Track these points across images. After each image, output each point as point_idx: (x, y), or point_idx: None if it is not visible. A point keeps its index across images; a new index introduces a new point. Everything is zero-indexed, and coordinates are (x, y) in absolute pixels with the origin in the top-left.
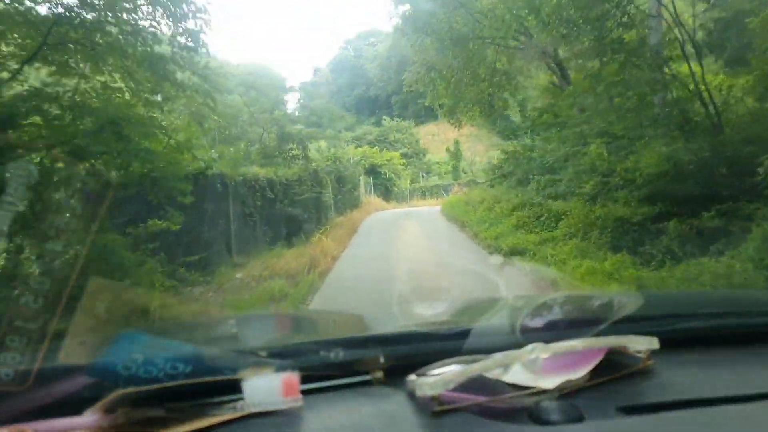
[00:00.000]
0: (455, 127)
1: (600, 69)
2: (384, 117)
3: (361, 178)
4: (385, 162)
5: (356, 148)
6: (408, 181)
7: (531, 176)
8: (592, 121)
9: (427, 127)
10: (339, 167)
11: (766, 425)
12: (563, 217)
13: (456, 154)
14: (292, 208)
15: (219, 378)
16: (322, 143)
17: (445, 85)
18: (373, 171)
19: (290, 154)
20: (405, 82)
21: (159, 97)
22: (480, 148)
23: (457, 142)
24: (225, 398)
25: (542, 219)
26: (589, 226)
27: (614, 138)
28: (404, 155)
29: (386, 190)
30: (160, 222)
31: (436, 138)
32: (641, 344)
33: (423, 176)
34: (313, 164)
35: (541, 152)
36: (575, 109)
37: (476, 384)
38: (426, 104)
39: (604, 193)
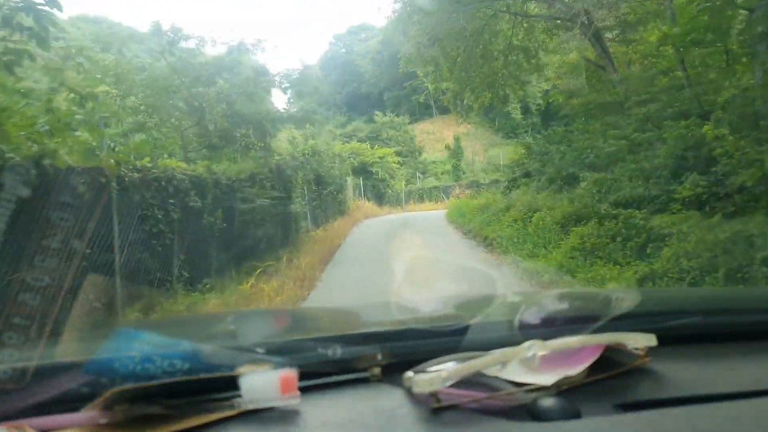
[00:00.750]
0: (461, 116)
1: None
2: (376, 112)
3: (348, 178)
4: (378, 160)
5: (344, 144)
6: (403, 183)
7: (580, 174)
8: (659, 98)
9: (422, 125)
10: (312, 162)
11: (764, 422)
12: (666, 238)
13: (456, 152)
14: (233, 223)
15: (217, 375)
16: (295, 131)
17: (449, 64)
18: (363, 170)
19: (242, 143)
20: (401, 62)
21: None
22: (478, 147)
23: (457, 139)
24: (223, 395)
25: (620, 240)
26: (725, 255)
27: (703, 120)
28: (398, 153)
29: (379, 193)
30: None
31: (432, 136)
32: (639, 341)
33: (419, 177)
34: (277, 158)
35: (583, 143)
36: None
37: (474, 381)
38: (422, 99)
39: (716, 199)
